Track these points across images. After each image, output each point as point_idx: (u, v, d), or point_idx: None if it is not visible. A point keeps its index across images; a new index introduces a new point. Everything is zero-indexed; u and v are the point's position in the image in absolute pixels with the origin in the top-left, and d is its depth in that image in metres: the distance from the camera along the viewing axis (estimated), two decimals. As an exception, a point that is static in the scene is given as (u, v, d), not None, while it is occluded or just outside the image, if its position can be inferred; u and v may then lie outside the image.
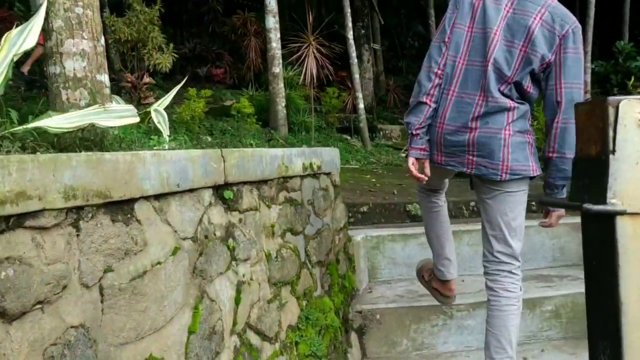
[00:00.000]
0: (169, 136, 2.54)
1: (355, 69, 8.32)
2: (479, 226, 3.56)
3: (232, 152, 2.01)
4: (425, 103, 2.24)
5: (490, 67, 2.17)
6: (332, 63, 8.38)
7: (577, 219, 3.68)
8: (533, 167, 2.24)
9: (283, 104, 7.40)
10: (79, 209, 1.33)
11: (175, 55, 8.86)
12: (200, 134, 6.29)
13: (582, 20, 11.42)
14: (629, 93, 11.53)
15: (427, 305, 2.97)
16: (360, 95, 8.42)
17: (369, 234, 3.45)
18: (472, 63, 2.22)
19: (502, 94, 2.19)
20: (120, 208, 1.47)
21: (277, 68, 7.34)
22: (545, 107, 2.22)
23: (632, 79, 11.59)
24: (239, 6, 15.69)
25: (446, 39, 2.24)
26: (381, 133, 10.53)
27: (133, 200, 1.52)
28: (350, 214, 3.78)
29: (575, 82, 2.16)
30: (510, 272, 2.34)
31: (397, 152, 8.90)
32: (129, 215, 1.50)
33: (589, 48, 10.26)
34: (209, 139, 6.30)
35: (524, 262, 3.43)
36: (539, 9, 2.17)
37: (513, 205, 2.29)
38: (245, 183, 2.11)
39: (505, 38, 2.18)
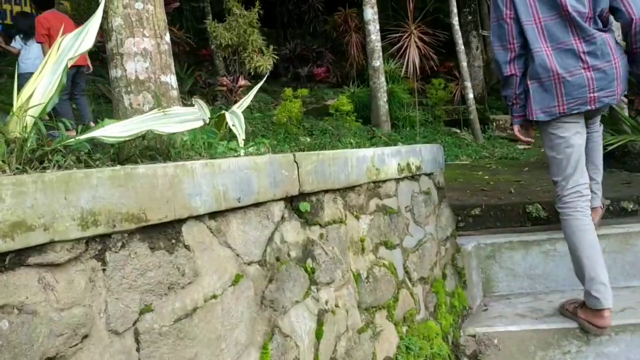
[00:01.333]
0: (249, 141, 2.29)
1: (462, 56, 7.73)
2: (616, 230, 3.00)
3: (308, 156, 1.70)
4: (512, 75, 2.47)
5: (571, 14, 2.34)
6: (437, 52, 7.85)
7: None
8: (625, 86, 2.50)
9: (384, 99, 7.01)
10: (105, 237, 1.08)
11: (276, 57, 8.79)
12: (299, 135, 6.10)
13: None
14: None
15: (556, 328, 2.47)
16: (469, 84, 7.82)
17: (482, 241, 2.98)
18: (548, 18, 2.39)
19: (597, 26, 2.39)
20: (162, 232, 1.21)
21: (377, 61, 6.96)
22: (621, 19, 2.39)
23: None
24: (340, 3, 15.53)
25: (506, 14, 2.42)
26: (494, 124, 9.79)
27: (179, 222, 1.25)
28: (459, 218, 3.33)
29: None
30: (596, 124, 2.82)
31: (512, 144, 8.18)
32: (173, 241, 1.23)
33: None
34: (308, 139, 6.08)
35: (632, 277, 2.95)
36: None
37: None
38: (326, 191, 1.79)
39: None
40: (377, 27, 6.97)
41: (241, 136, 2.16)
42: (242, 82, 6.63)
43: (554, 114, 2.40)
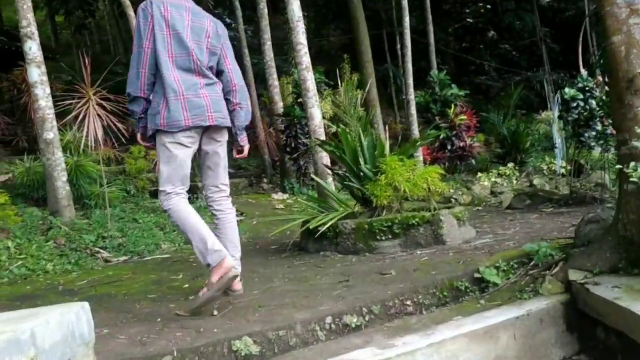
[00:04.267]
0: None
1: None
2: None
3: None
4: (141, 97, 2.95)
5: (194, 57, 2.97)
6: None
7: (477, 325, 2.59)
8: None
9: (64, 179, 5.63)
10: None
11: None
12: None
13: (401, 52, 11.18)
14: (452, 121, 11.49)
15: None
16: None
17: None
18: (179, 55, 2.95)
19: (210, 72, 3.07)
20: None
21: (51, 133, 5.56)
22: (223, 79, 3.14)
23: (453, 107, 11.59)
24: (21, 57, 13.35)
25: (145, 44, 2.89)
26: (203, 193, 9.06)
27: None
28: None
29: (234, 61, 3.21)
30: (228, 196, 3.21)
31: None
32: None
33: (410, 80, 9.93)
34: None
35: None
36: (207, 18, 3.11)
37: (225, 150, 3.16)
38: None
39: (194, 38, 3.00)
40: (47, 90, 5.60)
41: None
42: None
43: (180, 126, 2.89)
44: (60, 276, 4.08)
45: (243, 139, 3.25)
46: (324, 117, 7.94)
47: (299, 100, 9.95)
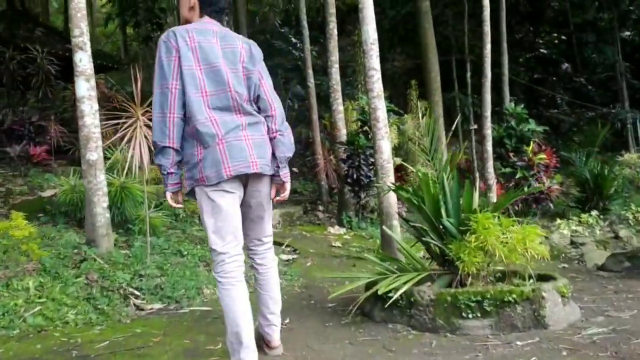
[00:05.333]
0: None
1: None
2: None
3: None
4: (170, 147, 2.49)
5: (232, 92, 2.59)
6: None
7: None
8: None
9: (105, 205, 5.09)
10: None
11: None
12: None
13: (479, 81, 10.34)
14: (529, 160, 10.50)
15: None
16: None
17: None
18: (215, 92, 2.56)
19: (253, 107, 2.69)
20: None
21: (95, 153, 5.05)
22: (261, 105, 2.73)
23: (531, 145, 10.61)
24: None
25: (171, 84, 2.49)
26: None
27: None
28: None
29: (272, 87, 2.79)
30: (271, 247, 2.91)
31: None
32: None
33: (488, 112, 9.05)
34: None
35: None
36: (238, 40, 2.73)
37: (270, 199, 2.79)
38: None
39: (230, 68, 2.63)
40: (95, 106, 5.11)
41: None
42: None
43: (221, 177, 2.51)
44: (81, 331, 3.47)
45: (285, 175, 2.76)
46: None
47: (364, 129, 9.26)
